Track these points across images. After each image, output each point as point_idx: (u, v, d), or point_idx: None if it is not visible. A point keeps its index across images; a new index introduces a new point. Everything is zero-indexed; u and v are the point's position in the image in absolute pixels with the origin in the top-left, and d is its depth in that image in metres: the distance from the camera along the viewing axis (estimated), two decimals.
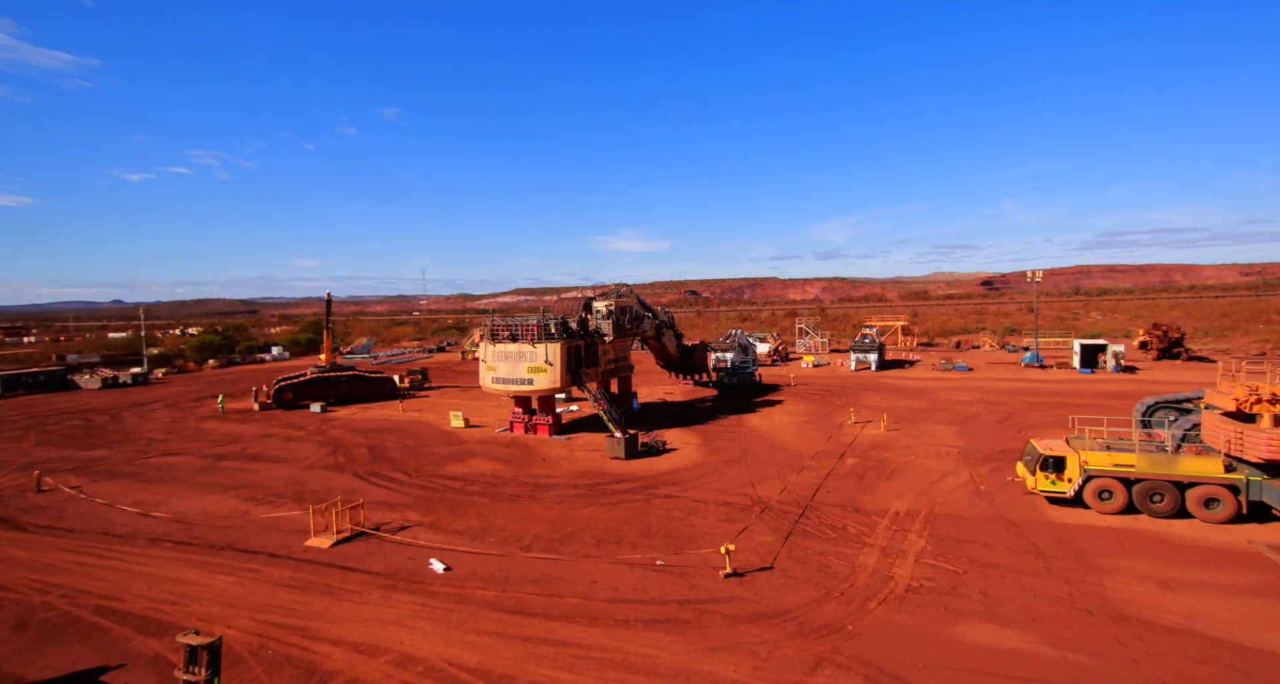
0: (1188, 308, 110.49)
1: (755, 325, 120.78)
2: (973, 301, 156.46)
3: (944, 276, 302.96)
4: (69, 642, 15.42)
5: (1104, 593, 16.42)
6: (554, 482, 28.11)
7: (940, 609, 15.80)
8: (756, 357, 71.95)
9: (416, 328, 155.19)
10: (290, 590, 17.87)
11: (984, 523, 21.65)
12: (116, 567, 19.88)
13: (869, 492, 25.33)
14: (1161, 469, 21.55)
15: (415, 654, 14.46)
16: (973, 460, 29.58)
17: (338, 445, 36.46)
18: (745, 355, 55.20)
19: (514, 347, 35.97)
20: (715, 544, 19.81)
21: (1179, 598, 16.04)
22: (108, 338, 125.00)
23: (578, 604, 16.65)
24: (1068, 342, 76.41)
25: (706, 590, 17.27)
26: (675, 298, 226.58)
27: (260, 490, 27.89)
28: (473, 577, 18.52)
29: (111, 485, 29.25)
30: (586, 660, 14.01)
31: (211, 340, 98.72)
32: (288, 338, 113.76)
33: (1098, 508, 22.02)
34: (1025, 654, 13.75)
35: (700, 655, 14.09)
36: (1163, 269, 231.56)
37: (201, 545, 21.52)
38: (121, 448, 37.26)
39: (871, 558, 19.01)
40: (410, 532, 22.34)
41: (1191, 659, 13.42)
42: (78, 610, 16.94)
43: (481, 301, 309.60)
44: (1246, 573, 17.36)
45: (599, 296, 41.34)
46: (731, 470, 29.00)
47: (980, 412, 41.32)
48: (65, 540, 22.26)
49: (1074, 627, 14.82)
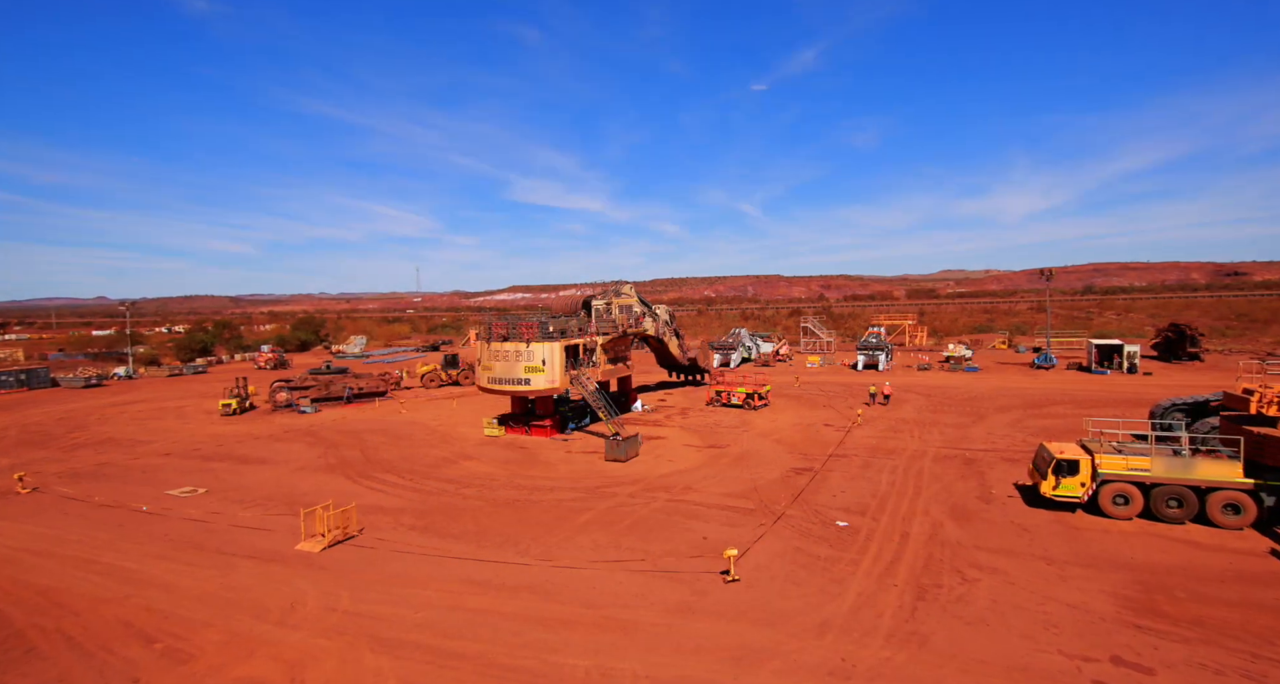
0: (1204, 307, 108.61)
1: (759, 324, 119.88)
2: (982, 300, 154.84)
3: (953, 275, 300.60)
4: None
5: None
6: (551, 484, 27.52)
7: (951, 617, 15.08)
8: (761, 356, 71.34)
9: (411, 326, 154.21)
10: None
11: (994, 527, 20.89)
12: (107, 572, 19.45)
13: (875, 494, 24.59)
14: (1179, 473, 20.71)
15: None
16: (982, 463, 28.77)
17: (329, 446, 36.03)
18: (749, 355, 54.63)
19: (510, 346, 35.39)
20: (717, 548, 19.19)
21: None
22: (92, 335, 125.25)
23: (578, 612, 16.04)
24: (1080, 341, 75.21)
25: (709, 596, 16.64)
26: (677, 296, 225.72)
27: (249, 493, 27.46)
28: (468, 582, 17.96)
29: (97, 486, 28.89)
30: (587, 667, 13.41)
31: (200, 338, 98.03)
32: (276, 336, 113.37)
33: (1114, 513, 21.19)
34: (1036, 665, 13.02)
35: (708, 664, 13.44)
36: (1179, 267, 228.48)
37: (188, 548, 21.09)
38: (105, 450, 36.98)
39: (878, 564, 18.30)
40: (403, 536, 21.81)
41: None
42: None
43: (477, 299, 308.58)
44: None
45: (598, 295, 40.73)
46: (733, 472, 28.32)
47: (990, 413, 40.43)
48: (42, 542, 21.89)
49: (1085, 635, 14.07)
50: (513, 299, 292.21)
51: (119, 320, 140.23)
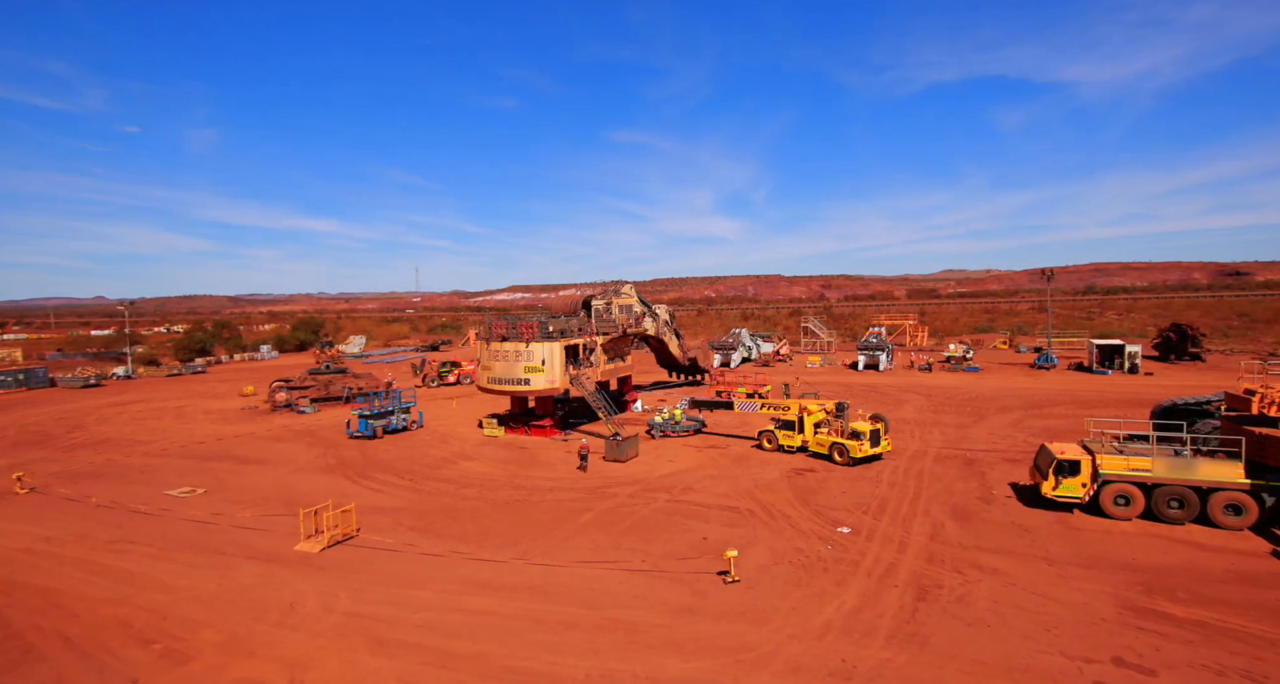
0: (1205, 307, 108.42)
1: (759, 324, 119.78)
2: (983, 300, 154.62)
3: (954, 274, 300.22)
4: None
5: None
6: (551, 485, 27.47)
7: (951, 618, 15.02)
8: (761, 357, 71.26)
9: (410, 326, 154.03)
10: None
11: (994, 528, 20.82)
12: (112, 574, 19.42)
13: (876, 494, 24.53)
14: (1180, 474, 20.64)
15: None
16: (983, 464, 28.70)
17: (328, 446, 35.98)
18: (749, 355, 54.61)
19: (510, 346, 35.33)
20: (717, 549, 19.15)
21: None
22: (90, 335, 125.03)
23: (578, 613, 15.99)
24: (1081, 341, 75.07)
25: (709, 597, 16.59)
26: (677, 296, 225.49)
27: (248, 493, 27.41)
28: (467, 582, 17.91)
29: (96, 487, 28.86)
30: (587, 667, 13.35)
31: (199, 338, 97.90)
32: (276, 336, 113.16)
33: (1115, 514, 21.13)
34: (1037, 666, 12.96)
35: (709, 665, 13.38)
36: (1181, 267, 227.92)
37: (187, 549, 21.05)
38: (103, 450, 36.95)
39: (879, 565, 18.24)
40: (403, 536, 21.76)
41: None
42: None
43: (477, 299, 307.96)
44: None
45: (598, 295, 40.67)
46: (733, 473, 28.26)
47: (991, 413, 40.37)
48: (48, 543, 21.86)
49: (1087, 636, 14.02)
50: (512, 299, 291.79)
51: (117, 320, 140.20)
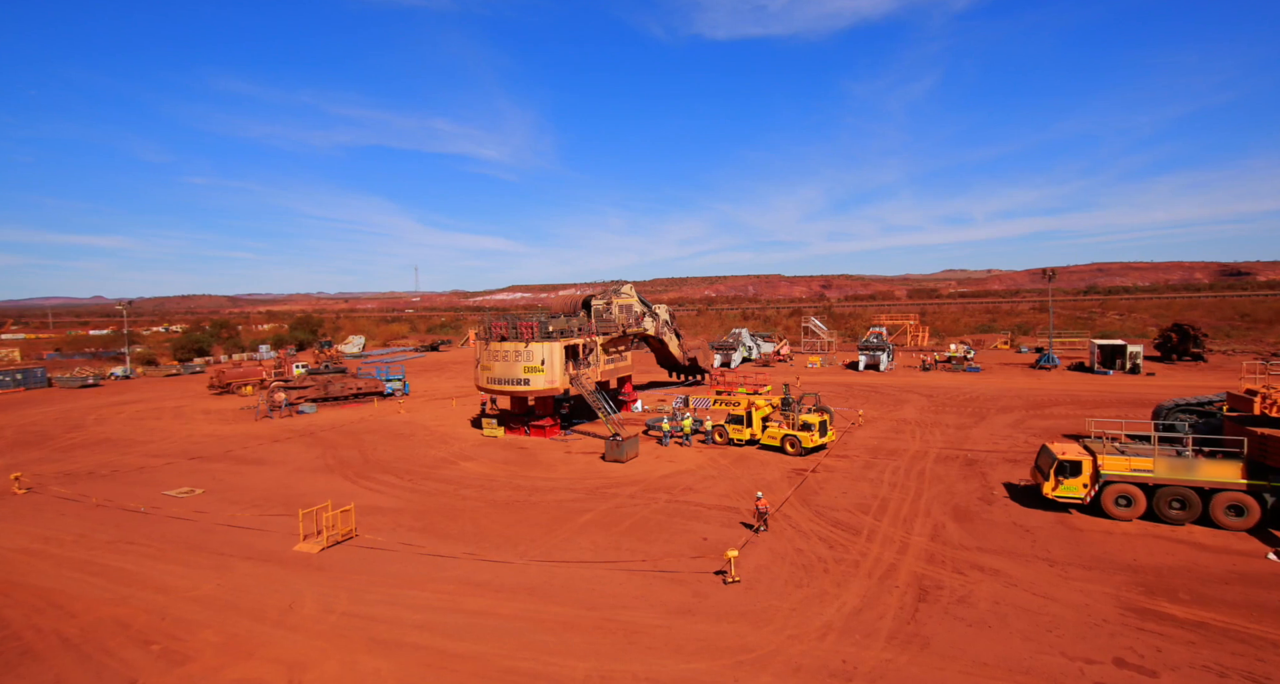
0: (1207, 307, 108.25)
1: (759, 324, 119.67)
2: (984, 300, 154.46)
3: (955, 274, 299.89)
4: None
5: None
6: (551, 485, 27.42)
7: (952, 619, 14.97)
8: (761, 356, 71.20)
9: (409, 326, 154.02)
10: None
11: (995, 528, 20.76)
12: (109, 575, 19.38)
13: (877, 495, 24.48)
14: (1181, 474, 20.58)
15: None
16: (984, 464, 28.64)
17: (328, 447, 35.94)
18: (749, 355, 54.58)
19: (510, 346, 35.29)
20: (717, 549, 19.10)
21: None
22: (89, 335, 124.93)
23: (577, 614, 15.95)
24: (1083, 341, 74.97)
25: (709, 598, 16.54)
26: (677, 296, 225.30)
27: (247, 493, 27.37)
28: (466, 583, 17.86)
29: (94, 487, 28.81)
30: (587, 668, 13.30)
31: (198, 338, 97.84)
32: (274, 336, 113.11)
33: (1116, 514, 21.06)
34: (1038, 667, 12.91)
35: (709, 666, 13.33)
36: (1183, 266, 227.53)
37: (186, 549, 21.00)
38: (102, 450, 36.92)
39: (880, 565, 18.19)
40: (402, 537, 21.71)
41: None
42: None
43: (477, 299, 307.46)
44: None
45: (598, 294, 40.62)
46: (733, 473, 28.20)
47: (992, 413, 40.30)
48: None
49: (1088, 637, 13.96)
50: (512, 299, 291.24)
51: (116, 320, 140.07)
